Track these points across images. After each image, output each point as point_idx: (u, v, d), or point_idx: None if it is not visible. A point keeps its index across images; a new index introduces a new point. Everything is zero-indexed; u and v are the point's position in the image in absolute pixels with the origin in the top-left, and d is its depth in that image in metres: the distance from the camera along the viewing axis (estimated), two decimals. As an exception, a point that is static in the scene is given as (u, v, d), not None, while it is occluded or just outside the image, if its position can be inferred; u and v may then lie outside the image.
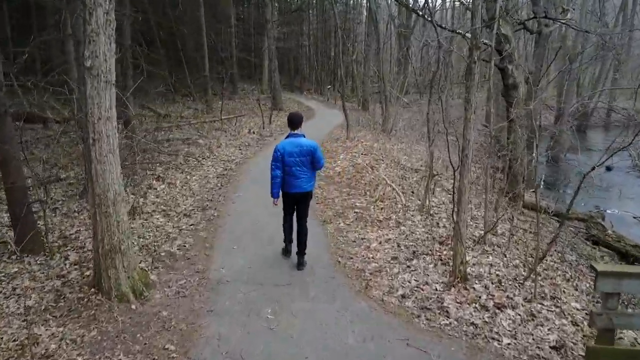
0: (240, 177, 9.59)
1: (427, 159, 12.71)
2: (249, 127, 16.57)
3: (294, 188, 5.14)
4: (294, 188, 5.14)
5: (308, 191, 5.24)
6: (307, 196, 5.28)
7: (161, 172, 9.10)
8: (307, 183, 5.18)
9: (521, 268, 6.09)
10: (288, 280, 4.97)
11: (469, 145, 4.90)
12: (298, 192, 5.17)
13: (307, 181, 5.18)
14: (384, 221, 6.97)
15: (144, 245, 5.63)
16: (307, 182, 5.17)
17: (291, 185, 5.13)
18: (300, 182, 5.12)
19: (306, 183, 5.17)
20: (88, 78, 3.99)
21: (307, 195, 5.27)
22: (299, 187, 5.14)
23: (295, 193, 5.18)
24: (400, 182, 9.68)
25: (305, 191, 5.20)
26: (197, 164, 10.33)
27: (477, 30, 4.64)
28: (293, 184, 5.12)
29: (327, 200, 7.98)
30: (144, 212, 6.81)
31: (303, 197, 5.25)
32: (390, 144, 14.85)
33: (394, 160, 11.82)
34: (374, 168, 10.54)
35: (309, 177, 5.19)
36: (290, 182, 5.11)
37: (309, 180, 5.19)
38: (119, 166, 4.26)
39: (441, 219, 7.44)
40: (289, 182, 5.12)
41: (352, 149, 13.04)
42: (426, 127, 20.19)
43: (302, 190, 5.17)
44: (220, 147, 12.46)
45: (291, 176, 5.08)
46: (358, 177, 9.50)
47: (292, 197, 5.25)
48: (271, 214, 6.90)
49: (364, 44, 32.24)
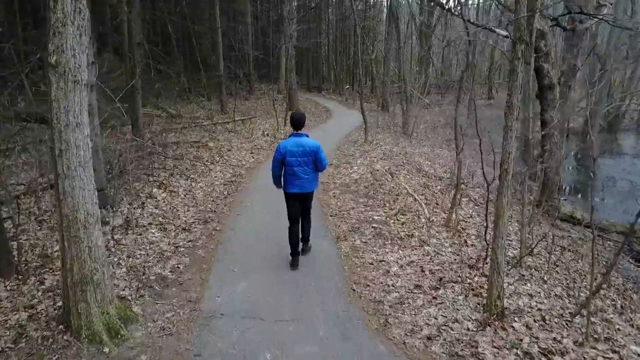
0: (249, 183, 8.91)
1: (452, 167, 11.86)
2: (263, 129, 15.92)
3: (296, 188, 5.09)
4: (295, 188, 5.09)
5: (310, 191, 5.22)
6: (309, 196, 5.29)
7: (165, 178, 8.47)
8: (310, 184, 5.14)
9: (565, 298, 5.26)
10: (293, 314, 4.24)
11: (509, 158, 4.10)
12: (300, 193, 5.13)
13: (310, 182, 5.13)
14: (406, 239, 6.19)
15: (133, 267, 4.97)
16: (309, 183, 5.12)
17: (293, 185, 5.08)
18: (302, 182, 5.06)
19: (308, 183, 5.12)
20: (53, 77, 3.34)
21: (308, 195, 5.26)
22: (301, 187, 5.09)
23: (297, 193, 5.13)
24: (423, 191, 8.88)
25: (306, 192, 5.17)
26: (205, 169, 9.69)
27: (522, 21, 3.84)
28: (295, 184, 5.07)
29: (342, 213, 7.24)
30: (139, 225, 6.16)
31: (305, 197, 5.23)
32: (411, 147, 14.02)
33: (416, 167, 11.00)
34: (394, 175, 9.75)
35: (312, 177, 5.14)
36: (292, 182, 5.07)
37: (311, 181, 5.15)
38: (91, 182, 3.59)
39: (469, 236, 6.63)
40: (290, 182, 5.08)
41: (371, 153, 12.26)
42: (450, 130, 19.30)
43: (304, 191, 5.13)
44: (231, 150, 11.82)
45: (293, 176, 5.04)
46: (376, 186, 8.73)
47: (294, 197, 5.18)
48: (278, 229, 6.21)
49: (384, 43, 31.39)
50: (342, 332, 4.00)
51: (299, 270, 5.13)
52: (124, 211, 6.53)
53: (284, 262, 5.31)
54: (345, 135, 15.72)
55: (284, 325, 4.07)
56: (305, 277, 4.97)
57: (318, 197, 8.00)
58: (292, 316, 4.21)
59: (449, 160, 12.99)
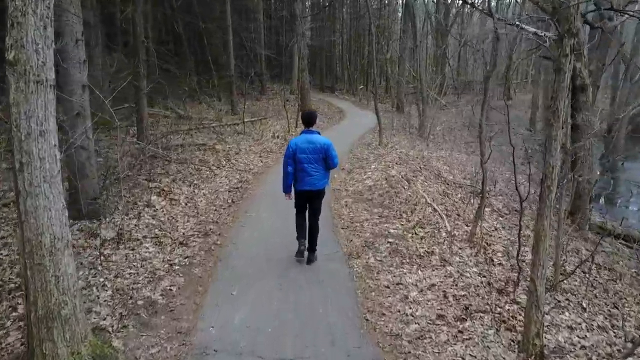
0: (256, 190, 8.36)
1: (472, 173, 11.18)
2: (273, 130, 15.39)
3: (306, 185, 5.05)
4: (305, 185, 5.05)
5: (320, 189, 5.15)
6: (319, 194, 5.20)
7: (166, 184, 7.96)
8: (319, 181, 5.08)
9: (609, 330, 4.61)
10: (297, 351, 3.66)
11: (553, 173, 3.47)
12: (309, 190, 5.09)
13: (319, 179, 5.07)
14: (426, 257, 5.58)
15: (119, 289, 4.44)
16: (319, 180, 5.07)
17: (303, 182, 5.05)
18: (312, 179, 5.02)
19: (318, 181, 5.07)
20: (11, 77, 2.81)
21: (319, 193, 5.18)
22: (311, 185, 5.05)
23: (306, 190, 5.10)
24: (442, 200, 8.24)
25: (317, 189, 5.11)
26: (210, 174, 9.16)
27: (572, 10, 3.21)
28: (305, 181, 5.03)
29: (354, 225, 6.64)
30: (133, 238, 5.64)
31: (315, 194, 5.17)
32: (428, 151, 13.36)
33: (434, 172, 10.35)
34: (411, 182, 9.12)
35: (322, 175, 5.08)
36: (302, 178, 5.03)
37: (321, 178, 5.09)
38: (60, 200, 3.05)
39: (495, 253, 5.99)
40: (300, 178, 5.04)
41: (385, 156, 11.64)
42: (468, 132, 18.58)
43: (314, 188, 5.08)
44: (239, 153, 11.29)
45: (303, 173, 5.00)
46: (392, 194, 8.11)
47: (304, 194, 5.17)
48: (284, 244, 5.64)
49: (399, 43, 30.67)
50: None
51: (306, 295, 4.56)
52: (118, 222, 6.01)
53: (289, 284, 4.74)
54: (359, 137, 15.11)
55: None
56: (313, 304, 4.38)
57: (329, 206, 7.42)
58: (296, 353, 3.63)
59: (469, 165, 12.32)
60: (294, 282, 4.77)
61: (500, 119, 23.98)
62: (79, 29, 5.73)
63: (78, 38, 5.73)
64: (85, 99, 5.88)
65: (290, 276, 4.92)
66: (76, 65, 5.72)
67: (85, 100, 5.87)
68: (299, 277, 4.91)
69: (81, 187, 5.97)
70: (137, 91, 11.30)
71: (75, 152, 5.79)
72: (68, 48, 5.64)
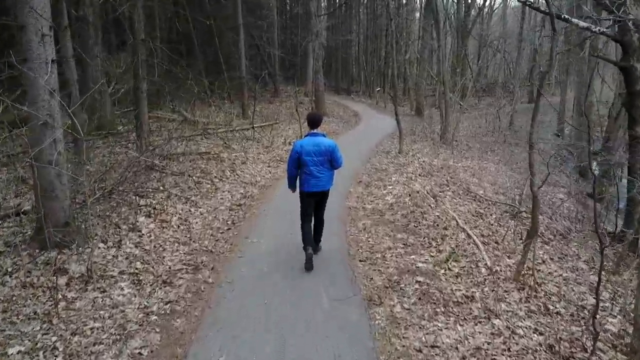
0: (261, 208, 7.34)
1: (503, 184, 10.01)
2: (285, 136, 14.38)
3: (312, 187, 5.08)
4: (311, 187, 5.08)
5: (325, 190, 5.21)
6: (324, 195, 5.27)
7: (159, 201, 7.00)
8: (326, 182, 5.13)
9: None
10: None
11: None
12: (316, 192, 5.12)
13: (326, 180, 5.12)
14: (464, 304, 4.48)
15: (72, 356, 3.44)
16: (325, 182, 5.12)
17: (309, 185, 5.07)
18: (317, 181, 5.05)
19: (324, 182, 5.11)
20: None
21: (324, 194, 5.25)
22: (317, 187, 5.08)
23: (313, 192, 5.12)
24: (476, 222, 7.12)
25: (322, 190, 5.16)
26: (211, 188, 8.18)
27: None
28: (311, 183, 5.06)
29: (375, 256, 5.57)
30: (106, 275, 4.65)
31: (321, 196, 5.23)
32: (453, 159, 12.21)
33: (462, 186, 9.22)
34: (438, 198, 8.02)
35: (327, 176, 5.13)
36: (308, 181, 5.05)
37: (327, 180, 5.14)
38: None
39: (550, 297, 4.85)
40: (306, 181, 5.06)
41: (407, 166, 10.55)
42: (493, 138, 17.35)
43: (320, 190, 5.13)
44: (246, 163, 10.29)
45: (309, 175, 5.03)
46: (417, 215, 7.03)
47: (310, 196, 5.16)
48: (289, 285, 4.60)
49: (418, 43, 29.51)
50: None
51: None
52: (92, 252, 5.04)
53: (295, 350, 3.69)
54: (377, 144, 14.03)
55: None
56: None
57: (344, 230, 6.37)
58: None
59: (499, 177, 11.15)
60: (301, 345, 3.72)
61: (523, 123, 22.68)
62: (45, 22, 4.77)
63: (45, 33, 4.77)
64: (54, 105, 4.91)
65: (298, 333, 3.88)
66: (42, 66, 4.76)
67: (53, 107, 4.91)
68: (306, 339, 3.84)
69: (49, 210, 5.02)
70: (136, 93, 10.41)
71: (40, 169, 4.83)
72: (32, 45, 4.69)
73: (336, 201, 7.50)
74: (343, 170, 9.40)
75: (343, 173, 9.39)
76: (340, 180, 8.90)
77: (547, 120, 26.67)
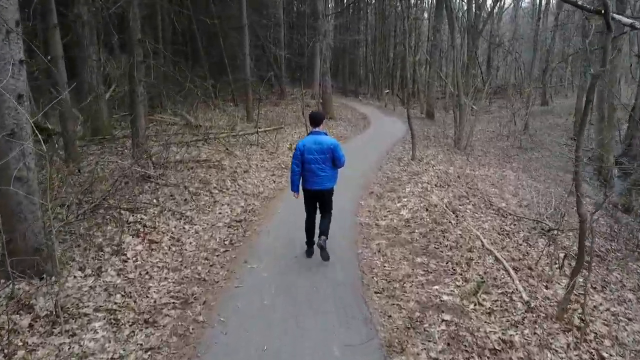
0: (262, 224, 6.62)
1: (523, 194, 9.23)
2: (291, 140, 13.68)
3: (314, 185, 5.12)
4: (313, 185, 5.12)
5: (327, 189, 5.22)
6: (326, 194, 5.26)
7: (151, 217, 6.31)
8: (327, 181, 5.15)
9: None
10: None
11: None
12: (317, 190, 5.15)
13: (327, 179, 5.14)
14: (503, 352, 3.74)
15: None
16: (327, 180, 5.14)
17: (310, 182, 5.12)
18: (319, 179, 5.09)
19: (326, 181, 5.13)
20: None
21: (326, 192, 5.24)
22: (318, 184, 5.11)
23: (314, 190, 5.17)
24: (502, 242, 6.38)
25: (324, 189, 5.18)
26: (209, 200, 7.49)
27: None
28: (311, 181, 5.11)
29: (392, 286, 4.84)
30: (78, 314, 3.96)
31: (322, 194, 5.23)
32: (470, 167, 11.46)
33: (483, 198, 8.47)
34: (458, 213, 7.28)
35: (329, 175, 5.15)
36: (309, 178, 5.10)
37: (329, 179, 5.16)
38: None
39: (600, 340, 4.10)
40: (307, 178, 5.11)
41: (421, 175, 9.81)
42: (509, 143, 16.54)
43: (321, 188, 5.15)
44: (248, 171, 9.60)
45: (310, 173, 5.07)
46: (437, 233, 6.29)
47: (311, 194, 5.24)
48: (296, 324, 3.89)
49: (427, 43, 28.76)
50: None
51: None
52: (65, 284, 4.36)
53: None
54: (387, 150, 13.29)
55: None
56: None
57: (356, 253, 5.65)
58: None
59: (519, 186, 10.38)
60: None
61: (537, 126, 21.83)
62: (10, 16, 4.09)
63: (10, 29, 4.09)
64: (22, 112, 4.24)
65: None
66: (6, 68, 4.08)
67: (21, 114, 4.23)
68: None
69: (17, 234, 4.34)
70: (132, 97, 9.76)
71: (5, 188, 4.15)
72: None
73: (346, 217, 6.79)
74: (352, 179, 8.73)
75: (352, 182, 8.67)
76: (350, 190, 8.19)
77: (562, 123, 25.82)
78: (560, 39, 32.49)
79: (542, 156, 17.49)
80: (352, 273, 5.08)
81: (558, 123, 25.39)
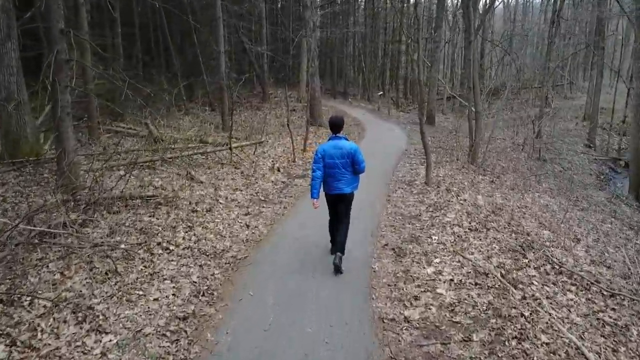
0: (222, 325, 4.07)
1: (587, 242, 6.79)
2: (273, 157, 11.15)
3: (333, 190, 5.09)
4: (333, 190, 5.10)
5: (347, 193, 5.13)
6: (346, 198, 5.17)
7: (31, 319, 3.73)
8: (347, 186, 5.09)
9: None
10: None
11: None
12: (337, 194, 5.11)
13: (347, 184, 5.08)
14: None
15: None
16: (347, 185, 5.08)
17: (330, 187, 5.10)
18: (339, 184, 5.05)
19: (346, 186, 5.08)
20: None
21: (346, 197, 5.16)
22: (338, 189, 5.07)
23: (334, 195, 5.13)
24: (614, 347, 3.92)
25: (344, 193, 5.11)
26: (145, 271, 4.92)
27: None
28: (332, 186, 5.08)
29: None
30: None
31: (342, 199, 5.15)
32: (500, 193, 9.05)
33: (542, 253, 6.01)
34: (521, 287, 4.82)
35: (349, 179, 5.09)
36: (330, 183, 5.09)
37: (349, 183, 5.10)
38: None
39: None
40: (328, 183, 5.10)
41: (445, 210, 7.37)
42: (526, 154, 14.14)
43: (341, 192, 5.09)
44: (213, 209, 7.03)
45: (331, 178, 5.06)
46: (499, 325, 3.83)
47: (332, 199, 5.20)
48: None
49: (429, 41, 26.45)
50: None
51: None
52: None
53: None
54: (392, 169, 10.82)
55: None
56: None
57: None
58: None
59: (572, 224, 7.99)
60: None
61: (548, 132, 19.64)
62: None
63: None
64: None
65: None
66: None
67: None
68: None
69: None
70: (54, 109, 7.16)
71: None
72: None
73: (355, 304, 4.28)
74: (356, 217, 6.07)
75: (357, 222, 6.21)
76: (357, 238, 5.77)
77: (572, 128, 23.69)
78: (560, 38, 30.46)
79: (564, 169, 15.23)
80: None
81: (569, 128, 23.28)
